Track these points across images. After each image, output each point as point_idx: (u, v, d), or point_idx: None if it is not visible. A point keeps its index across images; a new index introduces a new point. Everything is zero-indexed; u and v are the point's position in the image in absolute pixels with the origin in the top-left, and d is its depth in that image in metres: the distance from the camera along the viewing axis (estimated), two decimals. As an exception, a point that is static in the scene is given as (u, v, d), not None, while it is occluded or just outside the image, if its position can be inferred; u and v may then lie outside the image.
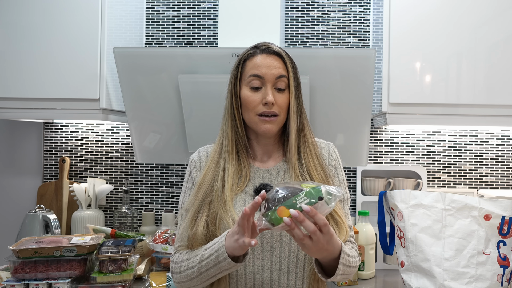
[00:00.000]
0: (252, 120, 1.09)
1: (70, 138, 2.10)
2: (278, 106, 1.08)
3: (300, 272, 1.06)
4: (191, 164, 1.18)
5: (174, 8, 2.06)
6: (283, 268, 1.06)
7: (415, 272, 1.38)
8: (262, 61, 1.08)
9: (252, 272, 1.05)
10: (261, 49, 1.10)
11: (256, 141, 1.15)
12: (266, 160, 1.16)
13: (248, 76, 1.08)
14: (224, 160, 1.11)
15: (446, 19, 1.62)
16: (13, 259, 1.36)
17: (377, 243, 1.74)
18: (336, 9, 2.02)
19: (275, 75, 1.07)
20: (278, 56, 1.10)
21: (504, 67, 1.61)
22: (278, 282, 1.05)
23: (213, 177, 1.10)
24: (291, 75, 1.10)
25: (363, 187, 1.95)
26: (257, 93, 1.08)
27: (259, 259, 1.05)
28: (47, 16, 1.71)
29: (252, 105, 1.08)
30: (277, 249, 1.05)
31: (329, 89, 1.60)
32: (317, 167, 1.10)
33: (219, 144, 1.13)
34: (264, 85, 1.08)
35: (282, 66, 1.09)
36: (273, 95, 1.07)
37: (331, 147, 1.18)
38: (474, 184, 2.00)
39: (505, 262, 1.30)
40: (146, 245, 1.71)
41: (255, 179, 1.12)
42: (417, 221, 1.36)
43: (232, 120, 1.11)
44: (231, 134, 1.11)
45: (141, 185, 2.09)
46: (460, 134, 2.00)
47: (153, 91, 1.67)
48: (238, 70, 1.10)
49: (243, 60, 1.10)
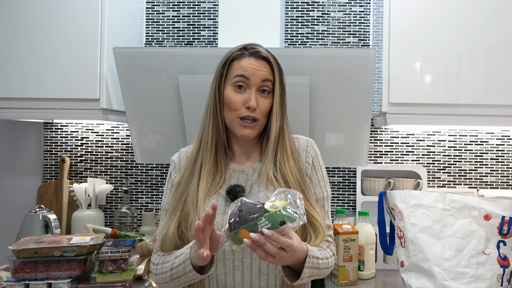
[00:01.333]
0: (233, 122, 1.09)
1: (70, 138, 2.10)
2: (260, 110, 1.08)
3: (272, 273, 1.07)
4: (172, 164, 1.19)
5: (174, 8, 2.06)
6: (254, 269, 1.06)
7: (415, 272, 1.38)
8: (249, 64, 1.07)
9: (223, 273, 1.06)
10: (249, 52, 1.10)
11: (234, 140, 1.15)
12: (243, 161, 1.15)
13: (234, 76, 1.08)
14: (202, 158, 1.11)
15: (446, 19, 1.62)
16: (13, 259, 1.36)
17: (377, 243, 1.74)
18: (336, 9, 2.02)
19: (261, 78, 1.07)
20: (266, 61, 1.10)
21: (504, 67, 1.61)
22: (249, 283, 1.06)
23: (189, 176, 1.10)
24: (277, 80, 1.10)
25: (363, 187, 1.95)
26: (241, 95, 1.07)
27: (230, 260, 1.06)
28: (47, 16, 1.71)
29: (235, 106, 1.07)
30: (247, 250, 1.05)
31: (329, 89, 1.60)
32: (292, 170, 1.09)
33: (198, 142, 1.13)
34: (248, 87, 1.08)
35: (269, 71, 1.09)
36: (256, 99, 1.07)
37: (309, 144, 1.17)
38: (474, 184, 2.00)
39: (505, 262, 1.30)
40: (146, 245, 1.71)
41: (230, 180, 1.12)
42: (417, 221, 1.36)
43: (214, 119, 1.10)
44: (212, 133, 1.11)
45: (141, 185, 2.09)
46: (460, 134, 2.00)
47: (153, 91, 1.67)
48: (224, 69, 1.10)
49: (230, 60, 1.10)
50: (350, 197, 2.03)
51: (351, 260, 1.62)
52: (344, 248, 1.61)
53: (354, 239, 1.63)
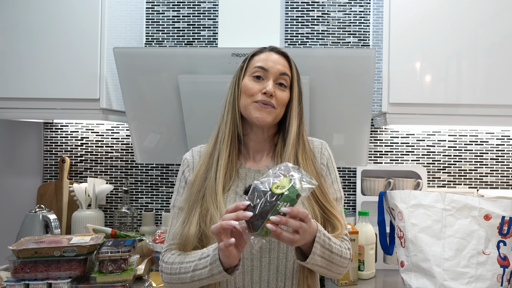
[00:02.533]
0: (247, 107, 1.09)
1: (70, 138, 2.10)
2: (277, 100, 1.09)
3: (290, 273, 1.06)
4: (184, 163, 1.18)
5: (174, 8, 2.06)
6: (272, 268, 1.06)
7: (415, 272, 1.38)
8: (269, 57, 1.11)
9: (241, 272, 1.06)
10: (269, 48, 1.14)
11: (250, 136, 1.15)
12: (258, 159, 1.15)
13: (253, 68, 1.10)
14: (218, 152, 1.10)
15: (445, 19, 1.62)
16: (13, 259, 1.36)
17: (377, 243, 1.74)
18: (336, 9, 2.02)
19: (280, 71, 1.09)
20: (285, 57, 1.13)
21: (504, 67, 1.61)
22: (267, 283, 1.06)
23: (206, 170, 1.10)
24: (295, 76, 1.13)
25: (363, 187, 1.95)
26: (258, 83, 1.09)
27: (249, 259, 1.06)
28: (47, 16, 1.72)
29: (251, 92, 1.08)
30: (266, 249, 1.05)
31: (329, 89, 1.60)
32: (313, 172, 1.09)
33: (214, 138, 1.13)
34: (266, 78, 1.09)
35: (287, 66, 1.12)
36: (273, 88, 1.08)
37: (323, 146, 1.18)
38: (474, 184, 2.00)
39: (505, 262, 1.30)
40: (146, 245, 1.71)
41: (247, 180, 1.12)
42: (417, 221, 1.36)
43: (233, 111, 1.11)
44: (230, 126, 1.10)
45: (141, 185, 2.09)
46: (460, 134, 2.00)
47: (153, 91, 1.67)
48: (244, 63, 1.13)
49: (251, 55, 1.14)
50: (350, 197, 2.03)
51: (351, 260, 1.62)
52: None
53: (354, 239, 1.63)
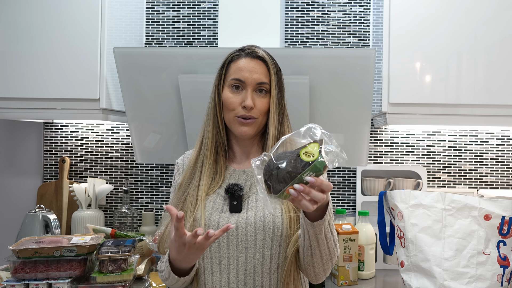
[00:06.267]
0: (231, 121, 1.11)
1: (70, 138, 2.10)
2: (258, 109, 1.09)
3: (267, 273, 1.07)
4: (176, 167, 1.21)
5: (174, 8, 2.06)
6: (248, 268, 1.06)
7: (415, 272, 1.37)
8: (245, 65, 1.09)
9: (218, 271, 1.06)
10: (246, 52, 1.11)
11: (235, 141, 1.17)
12: (244, 161, 1.17)
13: (230, 79, 1.10)
14: (202, 159, 1.13)
15: (446, 19, 1.62)
16: (13, 259, 1.36)
17: (377, 243, 1.74)
18: (336, 9, 2.02)
19: (256, 81, 1.08)
20: (262, 61, 1.11)
21: (504, 67, 1.61)
22: (244, 282, 1.06)
23: (190, 176, 1.13)
24: (273, 81, 1.10)
25: (363, 187, 1.95)
26: (237, 95, 1.09)
27: (225, 258, 1.06)
28: (47, 16, 1.71)
29: (232, 106, 1.09)
30: (242, 248, 1.06)
31: (329, 89, 1.60)
32: None
33: (199, 144, 1.15)
34: (245, 88, 1.09)
35: (265, 72, 1.10)
36: (252, 99, 1.08)
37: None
38: (474, 184, 2.00)
39: (505, 262, 1.30)
40: (146, 245, 1.71)
41: (230, 180, 1.13)
42: (417, 221, 1.36)
43: (214, 120, 1.13)
44: (212, 134, 1.13)
45: (141, 185, 2.09)
46: (460, 134, 2.00)
47: (153, 91, 1.67)
48: (222, 71, 1.12)
49: (228, 62, 1.12)
50: (350, 197, 2.03)
51: (351, 260, 1.62)
52: (344, 248, 1.61)
53: (354, 239, 1.63)
